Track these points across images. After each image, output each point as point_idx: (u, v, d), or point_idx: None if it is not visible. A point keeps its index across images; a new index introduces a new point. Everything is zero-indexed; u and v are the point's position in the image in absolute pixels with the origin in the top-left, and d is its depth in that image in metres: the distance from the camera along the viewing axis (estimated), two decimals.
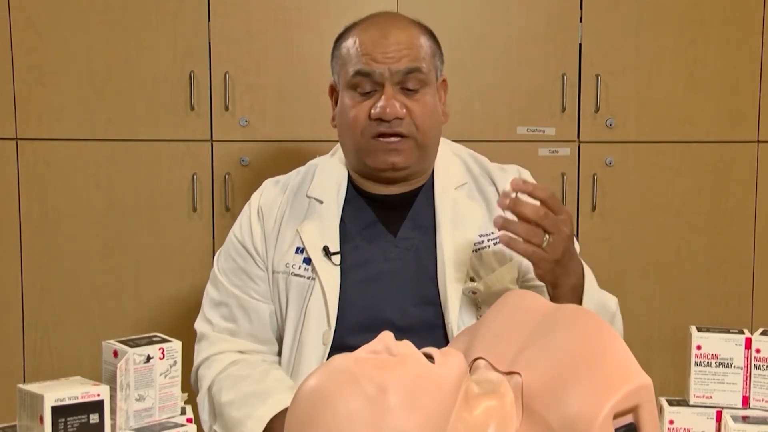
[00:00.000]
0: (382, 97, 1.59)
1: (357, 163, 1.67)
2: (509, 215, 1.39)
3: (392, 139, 1.60)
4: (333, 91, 1.72)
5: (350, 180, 1.70)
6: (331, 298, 1.60)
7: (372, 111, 1.59)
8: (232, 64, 2.42)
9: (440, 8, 2.43)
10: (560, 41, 2.47)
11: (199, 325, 1.72)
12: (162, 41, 2.41)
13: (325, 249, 1.62)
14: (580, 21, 2.47)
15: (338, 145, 1.74)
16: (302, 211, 1.69)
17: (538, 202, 1.38)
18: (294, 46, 2.43)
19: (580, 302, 1.50)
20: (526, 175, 1.73)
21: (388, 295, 1.61)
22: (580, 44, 2.48)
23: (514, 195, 1.37)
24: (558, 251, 1.39)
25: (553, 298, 1.49)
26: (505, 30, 2.47)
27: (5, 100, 2.40)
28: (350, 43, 1.63)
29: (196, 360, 1.69)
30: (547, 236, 1.37)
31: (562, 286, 1.48)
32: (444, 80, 1.71)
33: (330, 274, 1.62)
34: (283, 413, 1.46)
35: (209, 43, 2.42)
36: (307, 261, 1.64)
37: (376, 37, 1.61)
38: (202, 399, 1.64)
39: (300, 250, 1.65)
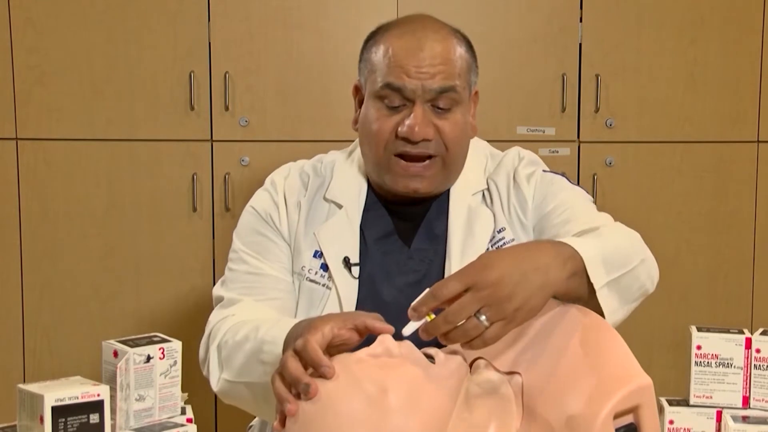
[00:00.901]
0: (412, 115, 1.49)
1: (377, 177, 1.59)
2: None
3: (417, 164, 1.51)
4: (357, 92, 1.62)
5: (369, 185, 1.62)
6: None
7: (399, 129, 1.50)
8: (232, 64, 2.42)
9: (440, 8, 2.41)
10: (560, 41, 2.47)
11: (218, 290, 1.59)
12: (162, 41, 2.41)
13: (346, 260, 1.55)
14: (580, 21, 2.47)
15: (355, 143, 1.67)
16: (322, 215, 1.60)
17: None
18: (294, 46, 2.43)
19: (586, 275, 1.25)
20: (527, 156, 1.65)
21: (401, 309, 1.56)
22: (580, 44, 2.48)
23: (422, 322, 1.17)
24: (504, 309, 1.13)
25: (570, 294, 1.26)
26: (505, 30, 2.47)
27: (5, 100, 2.40)
28: (382, 50, 1.52)
29: (210, 324, 1.53)
30: (481, 317, 1.12)
31: (561, 289, 1.22)
32: (476, 92, 1.62)
33: (348, 286, 1.54)
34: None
35: (209, 43, 2.41)
36: (325, 267, 1.56)
37: (410, 47, 1.50)
38: (213, 352, 1.47)
39: (318, 254, 1.57)
